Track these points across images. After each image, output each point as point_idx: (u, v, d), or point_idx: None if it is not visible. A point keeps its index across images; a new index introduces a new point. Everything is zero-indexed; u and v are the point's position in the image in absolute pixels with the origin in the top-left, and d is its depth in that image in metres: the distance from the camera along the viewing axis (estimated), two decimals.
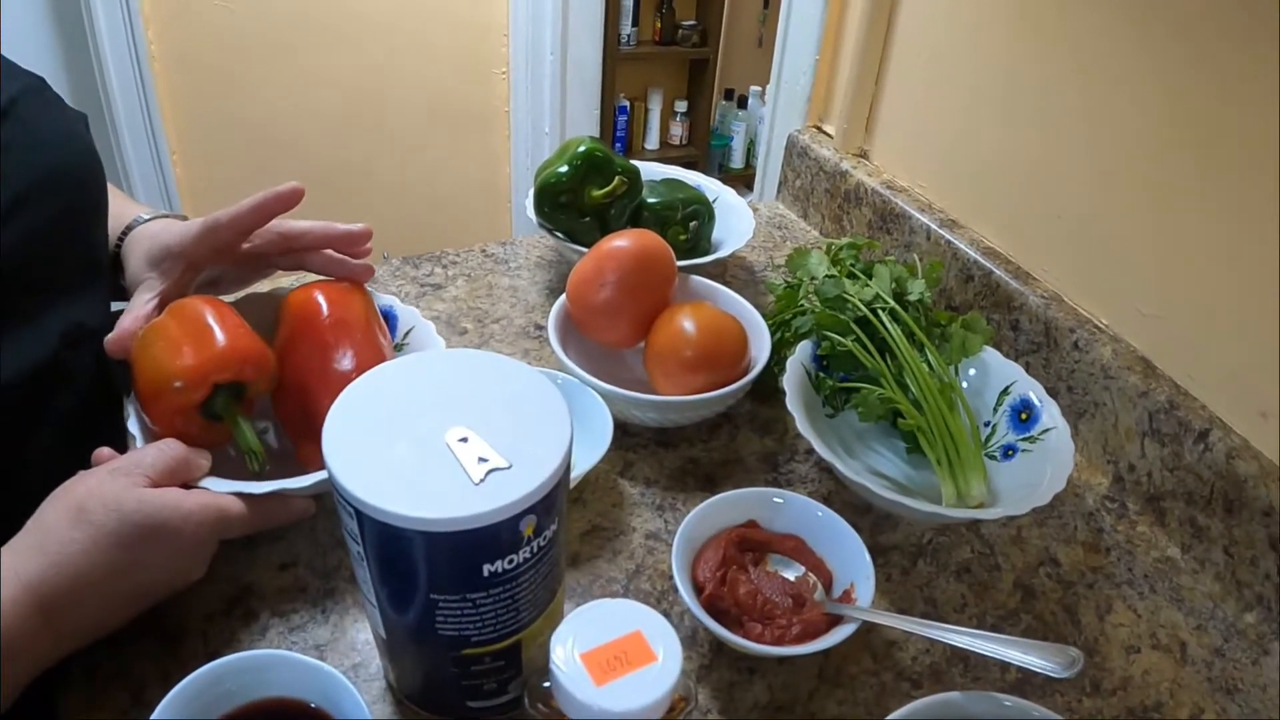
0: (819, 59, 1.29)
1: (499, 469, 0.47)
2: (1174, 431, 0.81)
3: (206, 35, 2.60)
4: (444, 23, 2.93)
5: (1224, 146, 0.77)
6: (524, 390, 0.54)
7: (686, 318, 0.86)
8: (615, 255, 0.88)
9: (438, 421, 0.50)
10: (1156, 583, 0.78)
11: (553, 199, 1.04)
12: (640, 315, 0.89)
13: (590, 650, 0.44)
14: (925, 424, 0.79)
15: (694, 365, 0.84)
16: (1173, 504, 0.82)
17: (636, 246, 0.89)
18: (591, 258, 0.90)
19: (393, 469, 0.47)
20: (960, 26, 1.05)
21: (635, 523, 0.79)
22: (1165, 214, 0.83)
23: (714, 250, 1.11)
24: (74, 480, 0.62)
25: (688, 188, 1.14)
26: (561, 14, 3.01)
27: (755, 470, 0.86)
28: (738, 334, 0.87)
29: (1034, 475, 0.77)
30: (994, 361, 0.87)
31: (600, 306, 0.89)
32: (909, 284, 0.88)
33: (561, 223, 1.05)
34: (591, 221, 1.05)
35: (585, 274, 0.90)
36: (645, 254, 0.89)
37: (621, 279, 0.88)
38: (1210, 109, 0.78)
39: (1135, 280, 0.87)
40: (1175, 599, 0.77)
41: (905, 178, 1.18)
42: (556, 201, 1.04)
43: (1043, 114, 0.95)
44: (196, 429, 0.70)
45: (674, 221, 1.08)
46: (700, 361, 0.84)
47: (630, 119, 3.93)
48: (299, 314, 0.78)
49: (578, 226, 1.05)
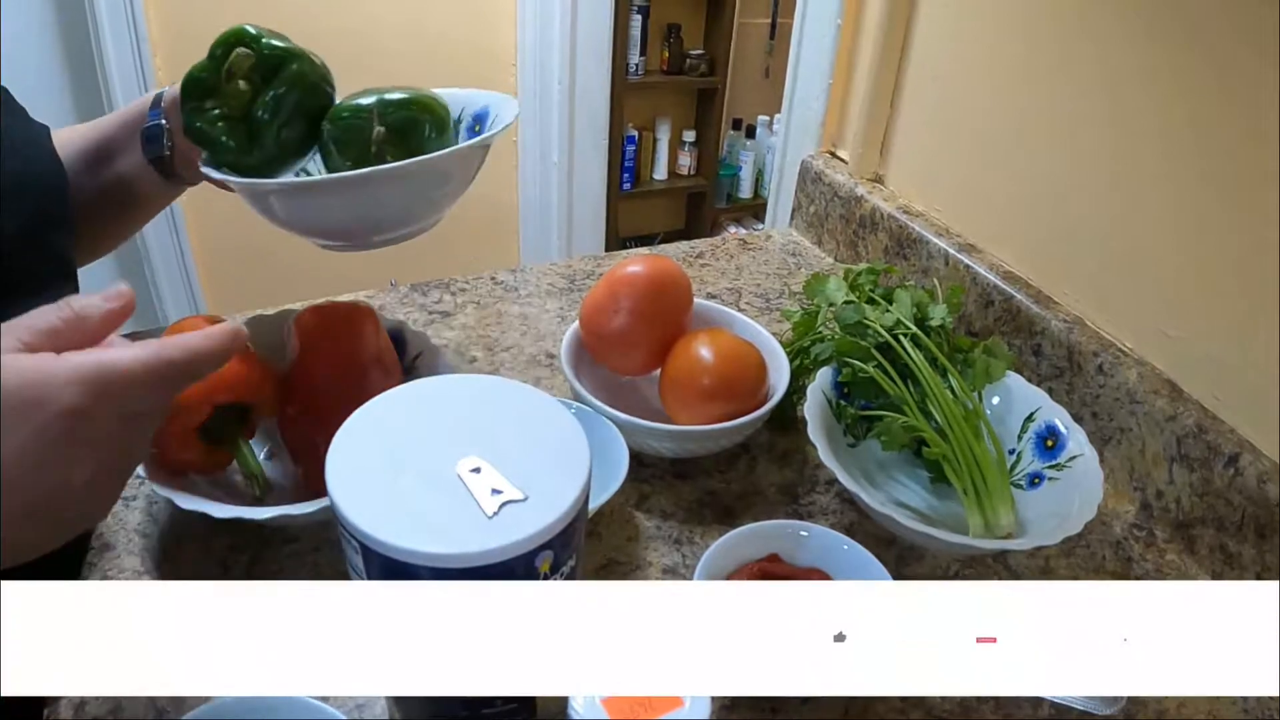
0: (832, 83, 1.28)
1: (513, 501, 0.45)
2: (1203, 456, 0.79)
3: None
4: (452, 52, 2.95)
5: (1247, 166, 0.75)
6: (539, 418, 0.52)
7: (704, 345, 0.84)
8: (629, 281, 0.87)
9: (448, 451, 0.48)
10: None
11: (196, 102, 0.74)
12: (656, 343, 0.87)
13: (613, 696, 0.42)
14: (951, 452, 0.77)
15: (712, 394, 0.82)
16: (1203, 530, 0.80)
17: (651, 271, 0.87)
18: (605, 283, 0.88)
19: (400, 501, 0.45)
20: (974, 48, 1.04)
21: (652, 557, 0.76)
22: (1188, 233, 0.82)
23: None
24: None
25: (421, 94, 0.78)
26: (569, 44, 3.02)
27: (775, 502, 0.83)
28: (756, 361, 0.85)
29: (1062, 504, 0.75)
30: (1017, 387, 0.85)
31: (615, 334, 0.87)
32: (930, 309, 0.86)
33: (202, 133, 0.75)
34: (234, 124, 0.74)
35: (599, 300, 0.88)
36: (660, 279, 0.87)
37: (636, 305, 0.86)
38: (1233, 130, 0.76)
39: (1160, 302, 0.86)
40: None
41: (921, 202, 1.16)
42: (200, 106, 0.74)
43: (1060, 135, 0.94)
44: (196, 452, 0.69)
45: (369, 136, 0.74)
46: (719, 390, 0.82)
47: (638, 149, 3.93)
48: (306, 336, 0.76)
49: (216, 132, 0.74)
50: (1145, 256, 0.87)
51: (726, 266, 1.25)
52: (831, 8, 1.24)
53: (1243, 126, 0.75)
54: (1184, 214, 0.82)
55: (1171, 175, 0.83)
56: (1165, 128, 0.82)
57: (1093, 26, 0.88)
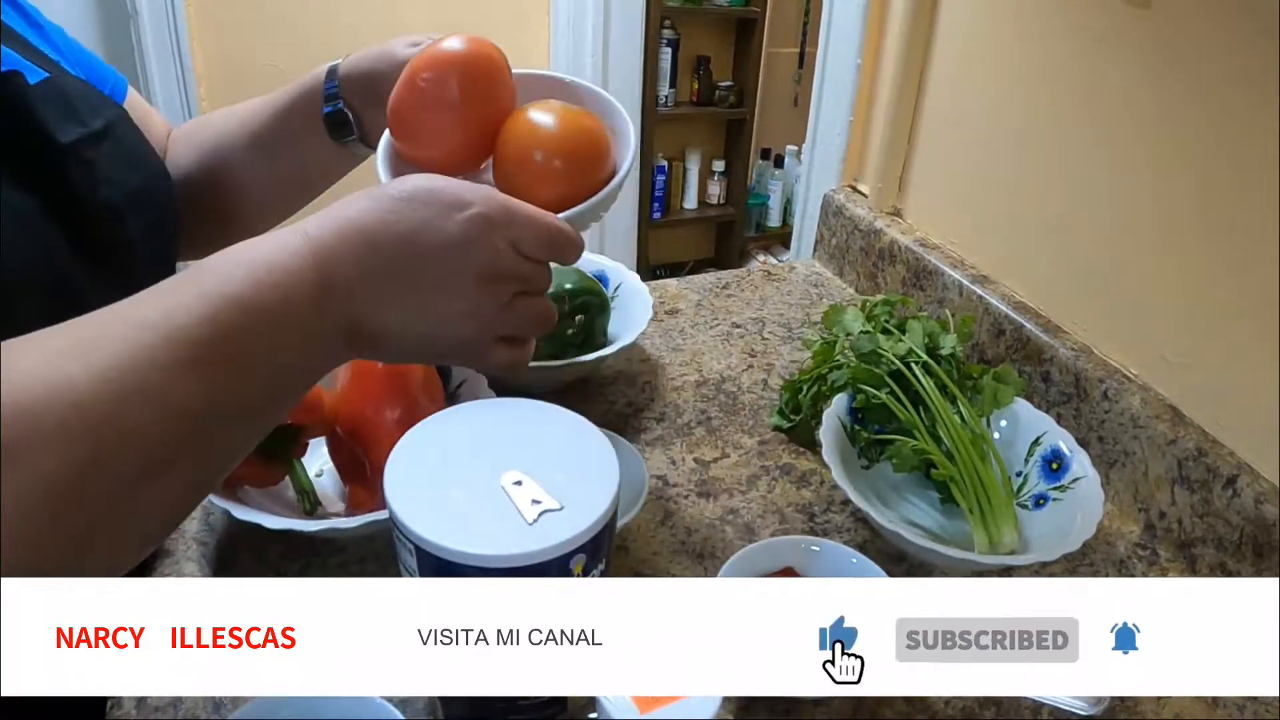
0: (852, 120, 1.33)
1: (551, 510, 0.50)
2: (1203, 478, 0.82)
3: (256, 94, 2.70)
4: None
5: (1246, 197, 0.80)
6: (573, 437, 0.57)
7: (538, 113, 0.69)
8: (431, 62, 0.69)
9: (493, 465, 0.54)
10: None
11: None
12: (480, 126, 0.70)
13: None
14: (957, 474, 0.81)
15: (556, 174, 0.68)
16: (1203, 550, 0.83)
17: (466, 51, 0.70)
18: (407, 74, 0.70)
19: (451, 509, 0.51)
20: (986, 92, 1.09)
21: (676, 570, 0.81)
22: (1190, 265, 0.86)
23: (610, 343, 1.01)
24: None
25: (581, 275, 1.01)
26: (601, 75, 3.09)
27: (792, 520, 0.88)
28: (593, 125, 0.71)
29: (1065, 523, 0.79)
30: (1025, 413, 0.89)
31: (431, 127, 0.70)
32: (941, 339, 0.90)
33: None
34: None
35: (403, 95, 0.70)
36: (469, 52, 0.70)
37: (447, 90, 0.69)
38: (1232, 162, 0.81)
39: (1163, 330, 0.90)
40: None
41: (938, 235, 1.21)
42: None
43: (1068, 173, 0.98)
44: (251, 467, 0.74)
45: (561, 315, 0.87)
46: (565, 168, 0.68)
47: (669, 179, 3.98)
48: (356, 364, 0.80)
49: None
50: (1149, 289, 0.91)
51: (752, 297, 1.30)
52: (851, 49, 1.30)
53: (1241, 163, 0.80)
54: (1185, 250, 0.86)
55: (1172, 209, 0.87)
56: (1165, 165, 0.87)
57: (1096, 75, 0.93)
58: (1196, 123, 0.83)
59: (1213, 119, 0.82)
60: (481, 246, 0.56)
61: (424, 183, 0.57)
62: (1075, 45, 0.95)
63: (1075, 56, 0.96)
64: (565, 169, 0.68)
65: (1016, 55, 1.04)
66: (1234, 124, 0.80)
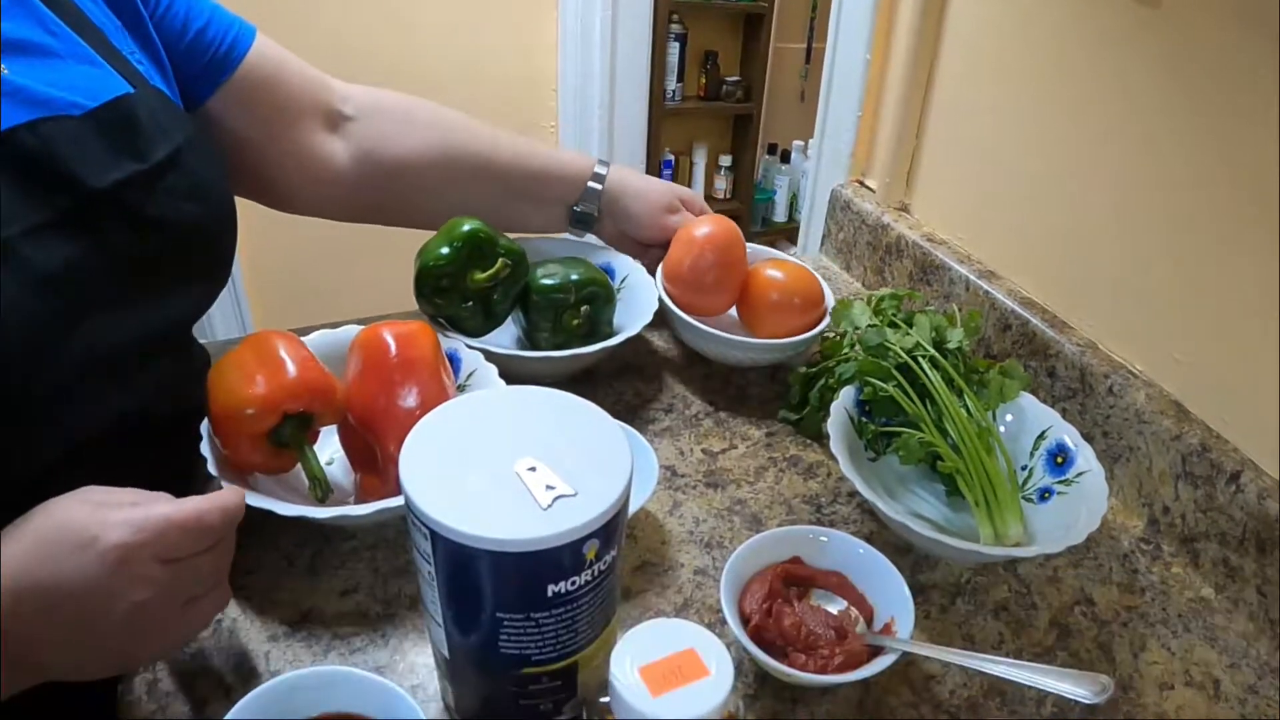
0: (861, 116, 1.34)
1: (565, 496, 0.51)
2: (1206, 474, 0.83)
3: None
4: (495, 79, 3.02)
5: (1253, 196, 0.80)
6: (586, 425, 0.58)
7: (772, 270, 1.06)
8: (710, 240, 1.05)
9: (507, 452, 0.54)
10: (1190, 622, 0.80)
11: (434, 283, 0.96)
12: (734, 282, 1.07)
13: (647, 664, 0.48)
14: (963, 467, 0.82)
15: (786, 307, 1.04)
16: (1206, 545, 0.84)
17: (724, 228, 1.07)
18: (684, 244, 1.06)
19: (466, 494, 0.51)
20: (995, 89, 1.10)
21: (684, 559, 0.82)
22: (1196, 263, 0.87)
23: (616, 333, 1.02)
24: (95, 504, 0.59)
25: (588, 266, 1.03)
26: (609, 71, 3.10)
27: (800, 511, 0.89)
28: (812, 278, 1.06)
29: (1069, 516, 0.79)
30: (1031, 407, 0.90)
31: (709, 283, 1.05)
32: (948, 333, 0.91)
33: (443, 308, 0.97)
34: (474, 306, 0.98)
35: (682, 259, 1.06)
36: (732, 233, 1.07)
37: (719, 258, 1.05)
38: (1239, 161, 0.81)
39: (1168, 327, 0.90)
40: (1209, 638, 0.79)
41: (945, 230, 1.22)
42: (438, 285, 0.96)
43: (1075, 170, 0.99)
44: (264, 455, 0.75)
45: (567, 305, 0.99)
46: (792, 301, 1.04)
47: (675, 173, 3.99)
48: (368, 351, 0.81)
49: (460, 312, 0.97)
50: (1154, 286, 0.91)
51: None
52: (860, 44, 1.30)
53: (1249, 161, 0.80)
54: (1191, 248, 0.87)
55: (1179, 207, 0.88)
56: (1173, 162, 0.87)
57: (1105, 73, 0.94)
58: (1204, 121, 0.84)
59: (1221, 117, 0.82)
60: (127, 581, 0.56)
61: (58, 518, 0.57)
62: (1084, 43, 0.96)
63: (1084, 54, 0.96)
64: (801, 305, 1.05)
65: (1025, 52, 1.04)
66: (1242, 123, 0.80)
